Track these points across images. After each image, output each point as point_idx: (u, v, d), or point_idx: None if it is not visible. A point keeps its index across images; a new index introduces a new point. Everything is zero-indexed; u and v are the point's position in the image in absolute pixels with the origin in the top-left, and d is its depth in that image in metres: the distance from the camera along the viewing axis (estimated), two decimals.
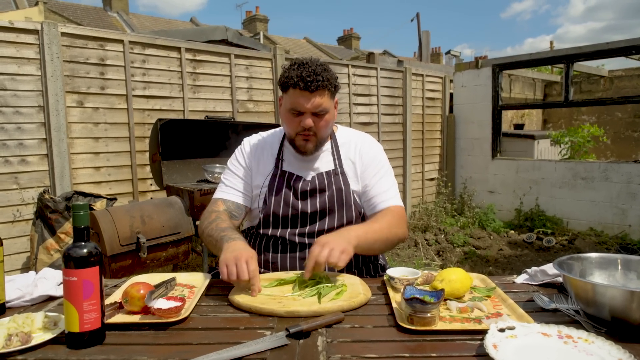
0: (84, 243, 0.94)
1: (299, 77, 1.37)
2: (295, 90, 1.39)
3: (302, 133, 1.43)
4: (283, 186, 1.49)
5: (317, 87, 1.37)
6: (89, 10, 13.87)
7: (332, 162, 1.53)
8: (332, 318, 1.03)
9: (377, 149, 1.59)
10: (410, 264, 4.44)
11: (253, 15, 19.21)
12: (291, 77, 1.38)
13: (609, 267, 1.16)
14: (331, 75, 1.42)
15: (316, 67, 1.39)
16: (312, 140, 1.44)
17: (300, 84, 1.36)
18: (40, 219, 3.08)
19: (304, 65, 1.39)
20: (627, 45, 5.19)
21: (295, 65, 1.40)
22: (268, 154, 1.57)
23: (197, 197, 2.95)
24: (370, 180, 1.53)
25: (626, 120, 9.08)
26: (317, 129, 1.43)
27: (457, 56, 17.32)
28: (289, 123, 1.45)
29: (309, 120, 1.40)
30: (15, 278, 1.26)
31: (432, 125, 6.74)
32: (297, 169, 1.52)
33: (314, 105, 1.39)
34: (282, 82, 1.42)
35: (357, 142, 1.58)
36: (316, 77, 1.36)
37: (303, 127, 1.41)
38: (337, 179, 1.50)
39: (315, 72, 1.37)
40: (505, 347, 0.86)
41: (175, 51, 4.04)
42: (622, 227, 5.19)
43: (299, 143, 1.45)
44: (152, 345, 0.94)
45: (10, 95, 3.22)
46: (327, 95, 1.41)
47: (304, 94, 1.38)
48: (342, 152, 1.55)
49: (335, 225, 1.48)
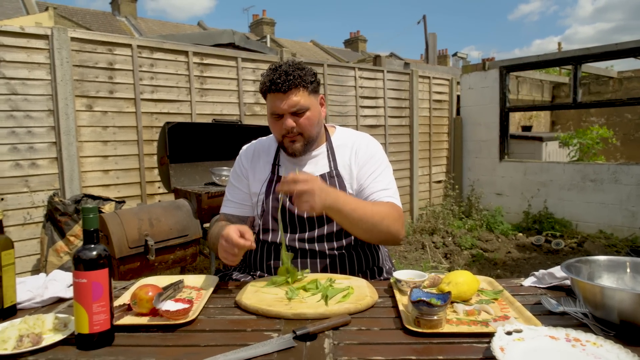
0: (94, 245, 0.96)
1: (270, 81, 1.39)
2: (271, 94, 1.41)
3: (287, 135, 1.43)
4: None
5: (289, 87, 1.37)
6: (98, 15, 14.02)
7: (327, 165, 1.51)
8: (339, 320, 1.03)
9: (375, 148, 1.55)
10: (418, 266, 4.43)
11: (260, 19, 19.29)
12: (264, 82, 1.41)
13: (617, 270, 1.16)
14: (305, 72, 1.41)
15: (287, 67, 1.40)
16: (298, 140, 1.44)
17: (272, 87, 1.38)
18: (50, 222, 3.12)
19: (276, 69, 1.40)
20: (637, 46, 5.14)
21: (269, 71, 1.42)
22: (264, 160, 1.57)
23: (204, 199, 2.97)
24: (366, 179, 1.48)
25: (636, 121, 8.99)
26: (301, 129, 1.42)
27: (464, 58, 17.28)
28: (274, 128, 1.46)
29: (289, 121, 1.40)
30: (26, 280, 1.27)
31: (439, 127, 6.72)
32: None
33: (289, 105, 1.39)
34: (260, 90, 1.45)
35: (354, 143, 1.55)
36: (287, 77, 1.37)
37: (285, 129, 1.41)
38: (333, 182, 1.48)
39: (286, 72, 1.38)
40: (513, 350, 0.86)
41: (183, 55, 4.07)
42: (632, 230, 5.14)
43: (286, 145, 1.46)
44: (160, 347, 0.95)
45: (21, 99, 3.26)
46: (303, 92, 1.40)
47: (278, 95, 1.39)
48: (338, 154, 1.53)
49: (335, 229, 1.45)
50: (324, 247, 1.45)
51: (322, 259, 1.45)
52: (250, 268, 1.55)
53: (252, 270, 1.54)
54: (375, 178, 1.49)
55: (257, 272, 1.51)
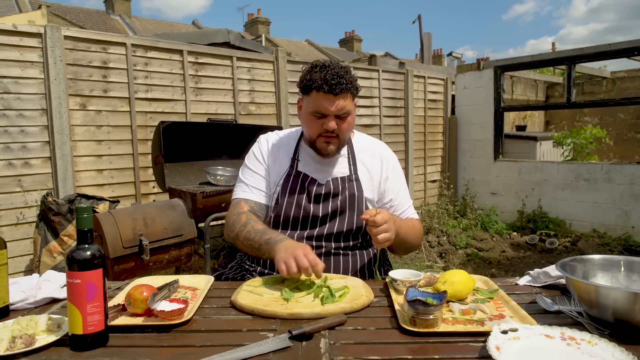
0: (88, 245, 0.95)
1: (322, 80, 1.36)
2: (319, 93, 1.38)
3: (325, 135, 1.43)
4: (297, 188, 1.48)
5: (342, 90, 1.37)
6: (92, 14, 13.94)
7: (347, 168, 1.53)
8: (335, 320, 1.03)
9: (396, 161, 1.62)
10: (413, 266, 4.44)
11: (255, 18, 19.25)
12: (314, 79, 1.37)
13: (612, 268, 1.16)
14: (353, 78, 1.42)
15: (339, 69, 1.39)
16: (334, 143, 1.45)
17: (324, 86, 1.36)
18: (43, 222, 3.09)
19: (326, 68, 1.38)
20: (630, 46, 5.18)
21: (317, 68, 1.39)
22: (284, 152, 1.56)
23: (199, 199, 2.96)
24: (396, 195, 1.57)
25: (629, 121, 9.06)
26: (339, 132, 1.44)
27: (459, 58, 17.35)
28: (311, 125, 1.44)
29: (333, 123, 1.40)
30: (19, 280, 1.26)
31: (434, 127, 6.73)
32: (313, 171, 1.51)
33: (337, 108, 1.39)
34: (304, 85, 1.41)
35: (375, 152, 1.59)
36: (340, 80, 1.36)
37: (326, 129, 1.41)
38: (352, 185, 1.50)
39: (338, 74, 1.37)
40: (508, 349, 0.86)
41: (178, 54, 4.06)
42: (625, 229, 5.18)
43: (320, 145, 1.45)
44: (155, 348, 0.94)
45: (14, 98, 3.23)
46: (350, 97, 1.42)
47: (328, 96, 1.38)
48: (359, 158, 1.55)
49: (345, 228, 1.46)
50: (330, 246, 1.46)
51: (327, 257, 1.45)
52: (252, 261, 1.54)
53: (251, 265, 1.53)
54: (404, 194, 1.60)
55: (257, 268, 1.50)
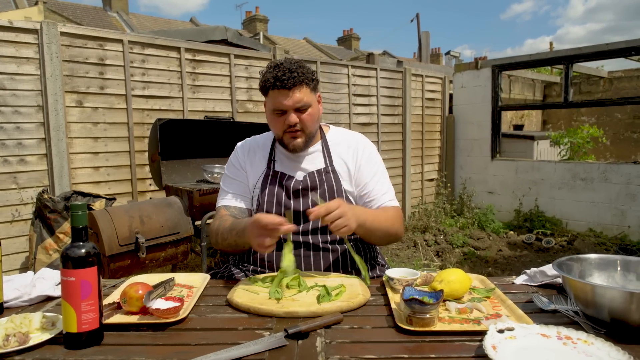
0: (82, 243, 0.94)
1: (275, 78, 1.40)
2: (274, 91, 1.42)
3: (289, 131, 1.46)
4: (275, 186, 1.51)
5: (294, 84, 1.40)
6: (89, 10, 13.87)
7: (322, 162, 1.55)
8: (331, 319, 1.03)
9: (371, 149, 1.61)
10: (410, 264, 4.44)
11: (253, 16, 19.21)
12: (268, 79, 1.43)
13: (608, 268, 1.16)
14: (307, 70, 1.45)
15: (290, 65, 1.43)
16: (299, 136, 1.47)
17: (277, 83, 1.40)
18: (39, 219, 3.08)
19: (278, 67, 1.43)
20: (627, 46, 5.19)
21: (270, 68, 1.44)
22: (260, 155, 1.59)
23: (196, 197, 2.95)
24: (368, 182, 1.54)
25: (625, 121, 9.09)
26: (302, 125, 1.46)
27: (457, 57, 17.36)
28: (275, 124, 1.48)
29: (293, 117, 1.43)
30: (13, 278, 1.25)
31: (431, 125, 6.74)
32: (289, 169, 1.54)
33: (294, 101, 1.42)
34: (261, 87, 1.47)
35: (350, 143, 1.59)
36: (291, 74, 1.40)
37: (288, 124, 1.44)
38: (329, 177, 1.51)
39: (290, 69, 1.41)
40: (505, 348, 0.86)
41: (175, 51, 4.04)
42: (621, 228, 5.19)
43: (287, 141, 1.48)
44: (151, 346, 0.94)
45: (9, 94, 3.21)
46: (306, 89, 1.44)
47: (283, 92, 1.41)
48: (334, 151, 1.56)
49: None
50: (317, 240, 1.46)
51: (316, 252, 1.46)
52: (243, 261, 1.54)
53: (245, 264, 1.53)
54: (378, 181, 1.56)
55: (249, 267, 1.50)
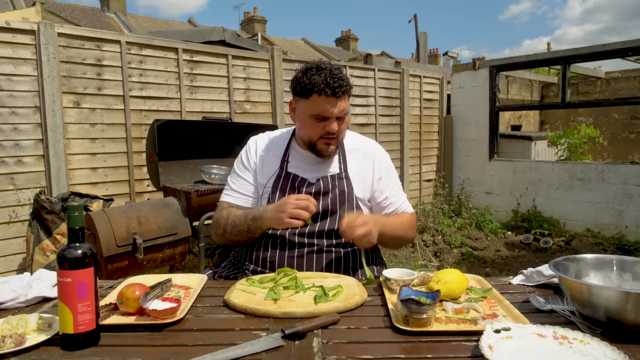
0: (79, 244, 0.94)
1: (324, 83, 1.35)
2: (321, 97, 1.37)
3: (326, 137, 1.44)
4: (287, 188, 1.49)
5: (343, 92, 1.38)
6: (87, 11, 13.85)
7: (337, 167, 1.53)
8: (328, 319, 1.03)
9: (388, 160, 1.63)
10: (408, 265, 4.44)
11: (251, 16, 19.20)
12: (315, 83, 1.36)
13: (604, 268, 1.17)
14: (348, 77, 1.44)
15: (337, 71, 1.39)
16: (334, 143, 1.46)
17: (327, 90, 1.35)
18: (36, 220, 3.07)
19: (324, 70, 1.38)
20: (624, 47, 5.21)
21: (314, 70, 1.38)
22: (273, 154, 1.57)
23: (194, 198, 2.95)
24: (389, 195, 1.57)
25: (622, 121, 9.11)
26: (339, 132, 1.45)
27: (455, 57, 17.38)
28: (312, 128, 1.43)
29: (335, 125, 1.41)
30: (10, 279, 1.25)
31: (429, 126, 6.75)
32: (303, 171, 1.52)
33: (339, 110, 1.40)
34: (302, 88, 1.39)
35: (366, 151, 1.59)
36: (340, 82, 1.37)
37: (328, 131, 1.42)
38: (342, 183, 1.50)
39: (338, 77, 1.37)
40: (501, 348, 0.86)
41: (173, 52, 4.04)
42: (618, 228, 5.21)
43: (321, 147, 1.46)
44: (147, 347, 0.94)
45: (7, 95, 3.21)
46: (347, 98, 1.44)
47: (330, 100, 1.37)
48: (349, 157, 1.56)
49: (336, 226, 1.46)
50: (322, 243, 1.45)
51: (319, 254, 1.45)
52: (243, 260, 1.54)
53: (244, 263, 1.53)
54: (398, 193, 1.60)
55: (250, 266, 1.50)
